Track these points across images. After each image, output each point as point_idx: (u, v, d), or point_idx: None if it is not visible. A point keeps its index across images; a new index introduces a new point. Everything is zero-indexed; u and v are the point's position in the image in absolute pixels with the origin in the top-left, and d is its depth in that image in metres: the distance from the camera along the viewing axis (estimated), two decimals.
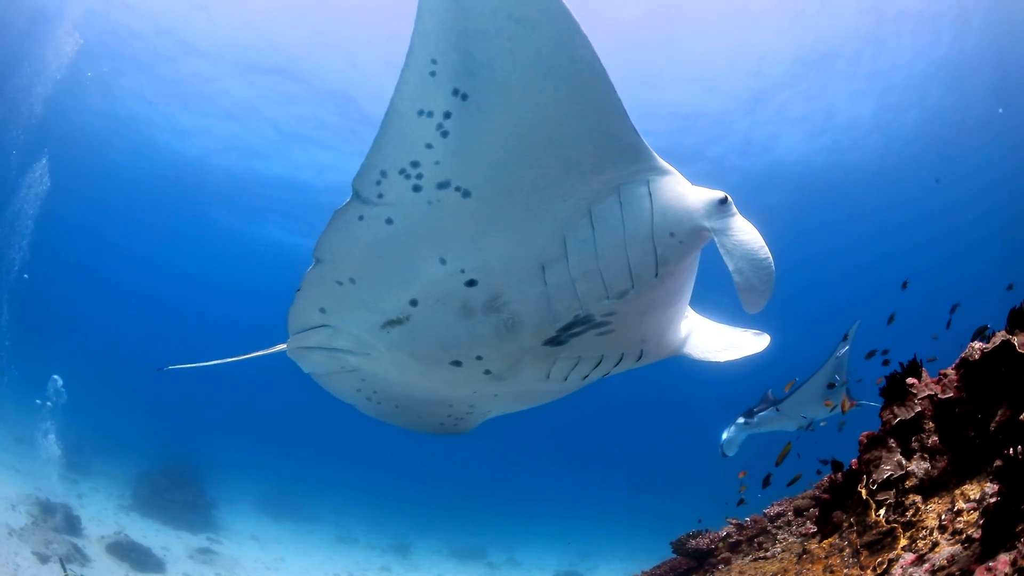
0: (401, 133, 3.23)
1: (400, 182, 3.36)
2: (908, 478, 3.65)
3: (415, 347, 4.02)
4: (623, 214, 3.51)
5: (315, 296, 3.98)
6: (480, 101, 3.16)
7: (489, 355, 4.00)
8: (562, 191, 3.42)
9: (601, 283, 3.64)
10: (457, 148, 3.25)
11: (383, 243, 3.59)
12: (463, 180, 3.35)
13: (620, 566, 26.81)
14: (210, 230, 39.95)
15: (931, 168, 30.40)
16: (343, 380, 4.56)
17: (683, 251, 3.69)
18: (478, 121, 3.20)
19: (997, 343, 3.26)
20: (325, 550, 25.84)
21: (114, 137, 30.85)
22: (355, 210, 3.50)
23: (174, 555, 19.12)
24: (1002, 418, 3.17)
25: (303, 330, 4.19)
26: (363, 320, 4.00)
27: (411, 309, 3.84)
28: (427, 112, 3.17)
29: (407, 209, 3.45)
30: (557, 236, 3.53)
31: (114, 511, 21.17)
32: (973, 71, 25.78)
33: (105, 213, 40.51)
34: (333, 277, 3.83)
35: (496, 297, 3.71)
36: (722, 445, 10.88)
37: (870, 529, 3.56)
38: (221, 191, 34.67)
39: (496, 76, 3.10)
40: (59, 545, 15.17)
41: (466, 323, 3.82)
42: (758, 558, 5.95)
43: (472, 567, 27.42)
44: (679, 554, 7.80)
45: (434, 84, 3.12)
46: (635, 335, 4.05)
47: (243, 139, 30.48)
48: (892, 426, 3.92)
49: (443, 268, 3.64)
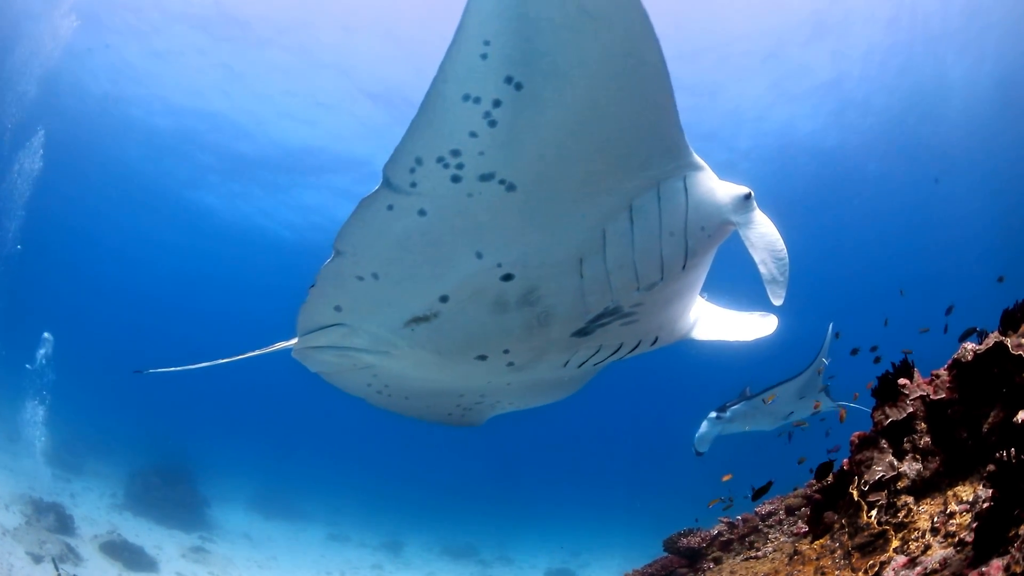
0: (442, 118, 2.98)
1: (437, 171, 3.12)
2: (900, 479, 3.64)
3: (441, 344, 3.89)
4: (660, 209, 3.52)
5: (332, 293, 3.71)
6: (535, 92, 2.96)
7: (516, 348, 3.94)
8: (607, 186, 3.35)
9: (634, 275, 3.65)
10: (506, 140, 3.04)
11: (414, 236, 3.36)
12: (509, 173, 3.16)
13: (612, 564, 26.83)
14: (207, 218, 39.63)
15: (931, 167, 30.49)
16: (353, 377, 4.40)
17: (710, 244, 3.83)
18: (532, 113, 3.00)
19: (990, 344, 3.25)
20: (317, 548, 25.81)
21: (109, 115, 30.53)
22: (384, 199, 3.23)
23: (167, 554, 19.08)
24: (995, 420, 3.17)
25: (314, 330, 3.94)
26: (385, 318, 3.80)
27: (440, 305, 3.67)
28: (474, 98, 2.93)
29: (443, 200, 3.22)
30: (597, 230, 3.48)
31: (107, 510, 21.11)
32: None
33: (98, 206, 40.18)
34: (354, 272, 3.55)
35: (532, 291, 3.61)
36: (694, 442, 10.43)
37: (862, 531, 3.55)
38: (216, 170, 34.38)
39: (556, 69, 2.92)
40: (52, 545, 15.12)
41: (498, 318, 3.71)
42: (749, 557, 5.95)
43: (464, 565, 27.39)
44: (671, 552, 7.80)
45: (484, 68, 2.87)
46: (656, 323, 4.13)
47: (233, 115, 30.36)
48: (884, 427, 3.91)
49: (479, 262, 3.47)
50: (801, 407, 10.09)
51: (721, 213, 3.72)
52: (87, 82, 28.43)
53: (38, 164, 26.36)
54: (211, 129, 31.14)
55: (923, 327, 10.22)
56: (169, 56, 26.63)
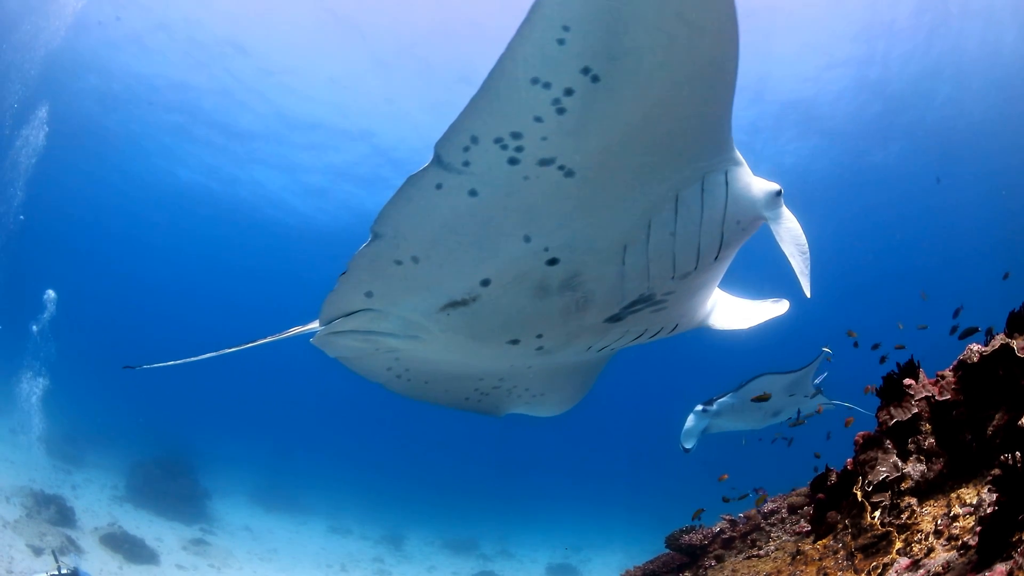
0: (506, 100, 2.86)
1: (494, 152, 3.00)
2: (904, 480, 3.62)
3: (476, 328, 3.84)
4: (703, 201, 3.54)
5: (365, 279, 3.58)
6: (612, 87, 2.86)
7: (550, 332, 3.94)
8: (659, 176, 3.36)
9: (672, 264, 3.69)
10: (573, 128, 2.94)
11: (462, 217, 3.25)
12: (570, 160, 3.07)
13: (613, 559, 26.88)
14: (212, 200, 39.54)
15: (933, 166, 30.47)
16: (374, 361, 4.32)
17: (742, 237, 3.91)
18: (604, 106, 2.92)
19: (996, 346, 3.24)
20: (318, 541, 25.87)
21: (113, 91, 30.46)
22: (433, 177, 3.08)
23: (167, 546, 19.14)
24: (999, 422, 3.15)
25: (341, 316, 3.82)
26: (419, 302, 3.70)
27: (481, 289, 3.59)
28: (544, 83, 2.81)
29: (497, 182, 3.11)
30: (644, 219, 3.48)
31: (108, 502, 21.18)
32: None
33: (100, 191, 40.12)
34: (392, 256, 3.42)
35: (574, 276, 3.58)
36: (681, 437, 10.07)
37: (865, 532, 3.53)
38: (223, 148, 34.26)
39: (639, 68, 2.84)
40: (53, 537, 15.16)
41: (538, 302, 3.68)
42: (751, 556, 5.92)
43: (465, 559, 27.44)
44: (672, 549, 7.77)
45: (560, 55, 2.73)
46: (681, 311, 4.21)
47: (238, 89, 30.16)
48: (889, 427, 3.90)
49: (526, 246, 3.41)
50: (790, 405, 9.85)
51: (755, 208, 3.81)
52: (93, 56, 28.26)
53: (41, 142, 26.33)
54: (217, 107, 31.08)
55: (922, 324, 10.12)
56: (176, 30, 26.51)
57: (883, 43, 25.16)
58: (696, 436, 9.91)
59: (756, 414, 9.92)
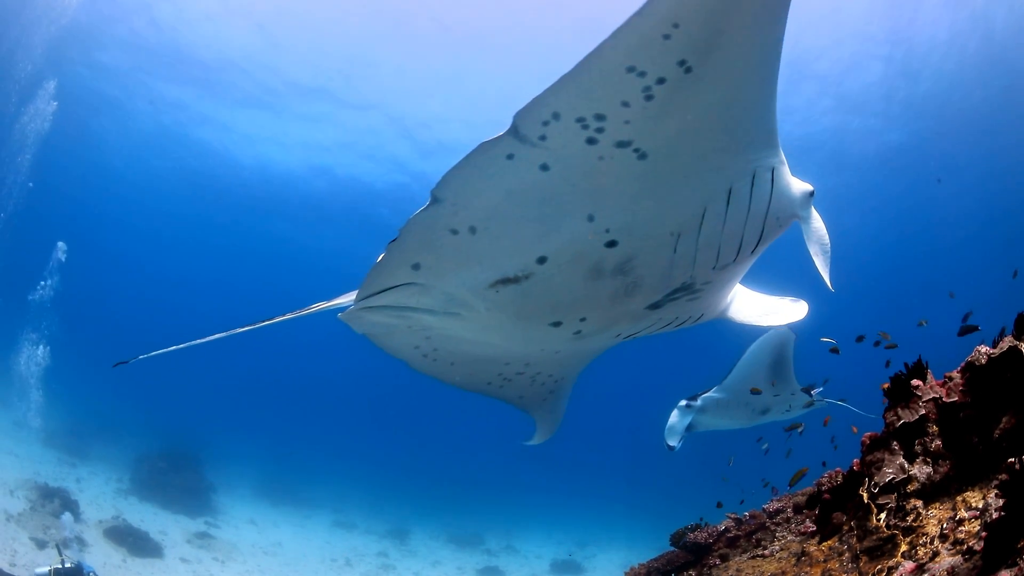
0: (598, 83, 2.88)
1: (574, 130, 2.99)
2: (910, 482, 3.59)
3: (523, 307, 3.78)
4: (752, 195, 3.63)
5: (416, 247, 3.46)
6: (700, 77, 2.94)
7: (593, 316, 3.94)
8: (719, 164, 3.42)
9: (716, 255, 3.76)
10: (656, 114, 2.99)
11: (529, 191, 3.21)
12: (646, 143, 3.10)
13: (618, 557, 26.89)
14: (224, 177, 39.20)
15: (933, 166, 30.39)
16: (404, 338, 4.25)
17: (776, 234, 4.03)
18: (689, 95, 2.99)
19: (1004, 349, 3.20)
20: (323, 535, 25.93)
21: (124, 67, 30.30)
22: (507, 147, 3.03)
23: (172, 539, 19.19)
24: (1007, 425, 3.12)
25: (382, 290, 3.70)
26: (468, 277, 3.61)
27: (536, 267, 3.53)
28: (640, 72, 2.85)
29: (571, 159, 3.09)
30: (699, 208, 3.54)
31: (112, 495, 21.25)
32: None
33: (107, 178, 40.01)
34: (449, 224, 3.32)
35: (629, 260, 3.58)
36: (664, 435, 9.64)
37: (871, 534, 3.51)
38: (233, 119, 33.93)
39: (726, 59, 2.93)
40: (57, 530, 15.19)
41: (590, 285, 3.66)
42: (756, 556, 5.91)
43: (470, 554, 27.47)
44: (677, 547, 7.75)
45: (662, 48, 2.80)
46: (712, 301, 4.32)
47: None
48: (895, 428, 3.87)
49: (588, 226, 3.38)
50: (777, 403, 9.41)
51: (792, 206, 3.97)
52: (103, 27, 28.12)
53: (47, 124, 26.32)
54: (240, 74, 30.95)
55: (922, 319, 9.97)
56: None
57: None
58: (680, 433, 9.54)
59: (742, 411, 9.52)
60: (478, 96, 30.13)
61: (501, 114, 3.01)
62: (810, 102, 28.06)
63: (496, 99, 29.11)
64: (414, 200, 26.54)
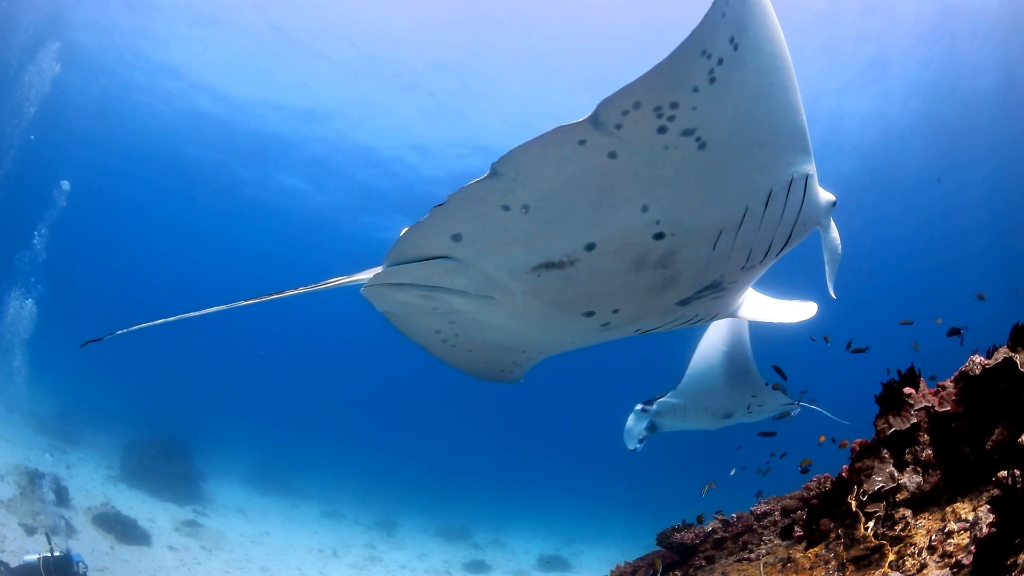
0: (680, 69, 2.92)
1: (649, 119, 3.01)
2: (899, 491, 3.57)
3: (562, 294, 3.74)
4: (787, 200, 3.70)
5: (460, 218, 3.36)
6: (745, 58, 3.02)
7: (626, 308, 3.95)
8: (763, 163, 3.48)
9: (747, 255, 3.84)
10: (717, 97, 3.04)
11: (591, 176, 3.17)
12: (706, 131, 3.13)
13: (604, 554, 26.87)
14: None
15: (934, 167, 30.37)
16: (426, 321, 4.20)
17: (801, 238, 4.14)
18: (740, 75, 3.05)
19: (999, 360, 3.19)
20: (311, 525, 25.89)
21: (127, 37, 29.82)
22: (582, 132, 3.01)
23: (160, 527, 19.13)
24: (999, 437, 3.10)
25: (416, 260, 3.58)
26: (512, 258, 3.53)
27: (583, 253, 3.49)
28: (708, 54, 2.92)
29: (639, 148, 3.09)
30: (742, 206, 3.57)
31: (102, 482, 21.18)
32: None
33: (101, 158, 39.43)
34: (502, 199, 3.25)
35: (672, 254, 3.61)
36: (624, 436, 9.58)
37: (858, 543, 3.48)
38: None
39: (762, 37, 3.03)
40: (46, 516, 15.14)
41: (631, 276, 3.67)
42: (742, 559, 5.89)
43: (457, 548, 27.45)
44: (663, 547, 7.75)
45: (723, 25, 2.89)
46: (731, 300, 4.43)
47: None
48: (886, 436, 3.85)
49: (641, 216, 3.37)
50: (741, 407, 9.17)
51: (818, 215, 4.09)
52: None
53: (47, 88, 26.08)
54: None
55: (906, 319, 9.85)
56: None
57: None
58: (638, 436, 9.43)
59: (701, 415, 9.34)
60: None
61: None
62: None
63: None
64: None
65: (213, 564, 18.31)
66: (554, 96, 28.91)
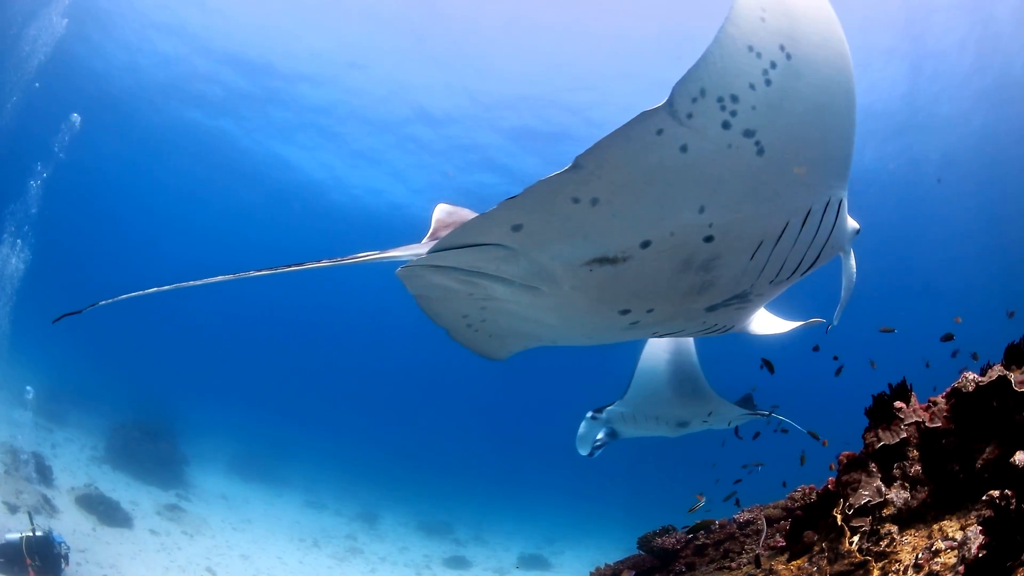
0: (729, 58, 2.97)
1: (714, 111, 3.03)
2: (886, 506, 3.54)
3: (608, 289, 3.71)
4: (821, 221, 3.77)
5: (531, 207, 3.29)
6: (798, 69, 3.10)
7: (661, 309, 3.97)
8: (808, 180, 3.53)
9: (779, 270, 3.89)
10: (774, 102, 3.10)
11: (662, 171, 3.15)
12: (765, 136, 3.17)
13: (586, 555, 26.92)
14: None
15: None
16: (457, 305, 4.16)
17: (824, 262, 4.16)
18: (796, 84, 3.12)
19: (994, 378, 3.16)
20: (293, 514, 25.86)
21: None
22: (659, 121, 2.99)
23: (142, 510, 19.08)
24: (990, 456, 3.07)
25: (471, 245, 3.52)
26: (569, 250, 3.49)
27: (637, 250, 3.46)
28: (757, 52, 2.99)
29: (707, 143, 3.10)
30: (783, 220, 3.62)
31: (86, 463, 21.12)
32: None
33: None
34: (575, 192, 3.20)
35: (715, 258, 3.62)
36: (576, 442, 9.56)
37: (842, 558, 3.45)
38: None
39: (812, 54, 3.11)
40: (29, 495, 15.08)
41: (675, 276, 3.68)
42: (723, 567, 5.87)
43: (438, 542, 27.44)
44: (644, 551, 7.74)
45: (764, 30, 2.98)
46: (750, 313, 4.52)
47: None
48: (875, 449, 3.82)
49: (697, 217, 3.37)
50: (692, 416, 9.03)
51: (844, 240, 4.15)
52: None
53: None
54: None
55: (886, 326, 9.76)
56: None
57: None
58: (590, 443, 9.43)
59: (653, 423, 9.27)
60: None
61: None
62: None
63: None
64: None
65: (194, 549, 18.27)
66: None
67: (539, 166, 32.55)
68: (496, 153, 33.35)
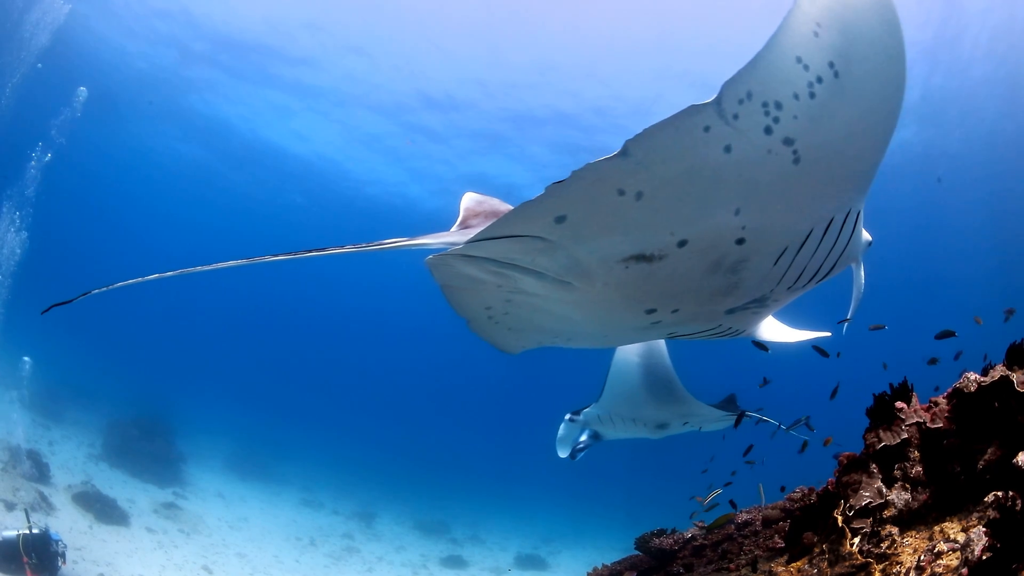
0: (776, 65, 3.01)
1: (758, 114, 3.05)
2: (887, 507, 3.52)
3: (638, 289, 3.69)
4: (841, 231, 3.87)
5: (573, 199, 3.22)
6: (844, 87, 3.14)
7: (686, 309, 4.02)
8: (834, 191, 3.61)
9: (797, 277, 3.98)
10: (816, 115, 3.14)
11: (705, 168, 3.14)
12: (803, 146, 3.21)
13: (583, 555, 26.89)
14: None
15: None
16: (482, 297, 4.08)
17: (838, 272, 4.29)
18: (839, 102, 3.17)
19: (996, 378, 3.13)
20: (290, 513, 25.82)
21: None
22: (708, 117, 2.98)
23: (139, 508, 19.05)
24: (992, 457, 3.05)
25: (507, 236, 3.44)
26: (608, 245, 3.43)
27: (673, 249, 3.44)
28: (804, 64, 3.04)
29: (749, 146, 3.11)
30: (807, 228, 3.70)
31: (83, 460, 21.10)
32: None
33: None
34: (621, 183, 3.13)
35: (744, 261, 3.66)
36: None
37: (843, 560, 3.43)
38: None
39: (861, 74, 3.15)
40: (26, 492, 15.07)
41: (705, 278, 3.70)
42: (721, 569, 5.83)
43: (435, 541, 27.41)
44: (642, 551, 7.70)
45: (815, 44, 3.03)
46: (763, 318, 4.64)
47: None
48: (876, 450, 3.80)
49: (733, 219, 3.39)
50: (670, 418, 8.96)
51: (858, 251, 4.29)
52: None
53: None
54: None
55: (875, 324, 9.67)
56: None
57: None
58: (569, 445, 9.40)
59: (631, 425, 9.19)
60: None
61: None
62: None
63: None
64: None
65: (190, 548, 18.23)
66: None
67: (543, 154, 32.64)
68: (500, 140, 33.22)
